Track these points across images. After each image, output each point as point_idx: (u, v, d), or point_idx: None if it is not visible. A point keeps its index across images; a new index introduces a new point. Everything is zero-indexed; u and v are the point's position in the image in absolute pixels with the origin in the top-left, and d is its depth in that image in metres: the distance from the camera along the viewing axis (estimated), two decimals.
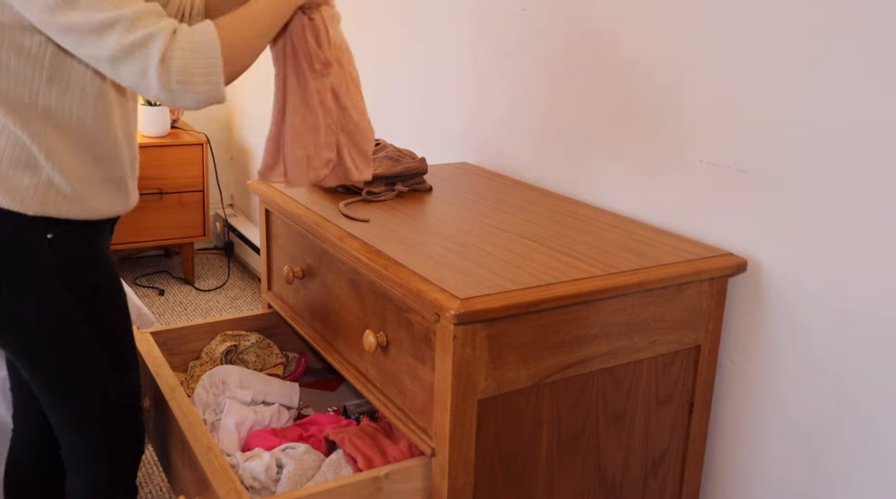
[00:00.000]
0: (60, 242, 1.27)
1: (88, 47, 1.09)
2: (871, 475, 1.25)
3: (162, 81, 1.08)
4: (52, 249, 1.26)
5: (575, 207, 1.63)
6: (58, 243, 1.27)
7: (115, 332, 1.39)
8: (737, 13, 1.36)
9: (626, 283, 1.24)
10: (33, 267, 1.26)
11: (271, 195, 1.65)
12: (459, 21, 2.09)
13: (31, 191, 1.22)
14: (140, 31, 1.07)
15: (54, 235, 1.26)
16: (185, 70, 1.09)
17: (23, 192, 1.22)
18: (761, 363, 1.39)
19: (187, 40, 1.10)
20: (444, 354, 1.15)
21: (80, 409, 1.36)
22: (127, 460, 1.45)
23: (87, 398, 1.36)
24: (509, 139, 1.95)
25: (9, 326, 1.28)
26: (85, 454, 1.40)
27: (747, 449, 1.43)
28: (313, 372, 1.89)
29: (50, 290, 1.27)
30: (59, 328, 1.30)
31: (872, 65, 1.17)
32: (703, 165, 1.45)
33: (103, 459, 1.41)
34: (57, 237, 1.26)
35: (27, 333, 1.29)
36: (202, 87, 1.11)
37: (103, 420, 1.39)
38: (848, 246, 1.23)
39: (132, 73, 1.09)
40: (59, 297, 1.28)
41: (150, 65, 1.08)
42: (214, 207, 3.93)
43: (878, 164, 1.18)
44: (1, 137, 1.20)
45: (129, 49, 1.07)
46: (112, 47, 1.07)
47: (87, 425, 1.38)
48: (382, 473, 1.24)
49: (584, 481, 1.34)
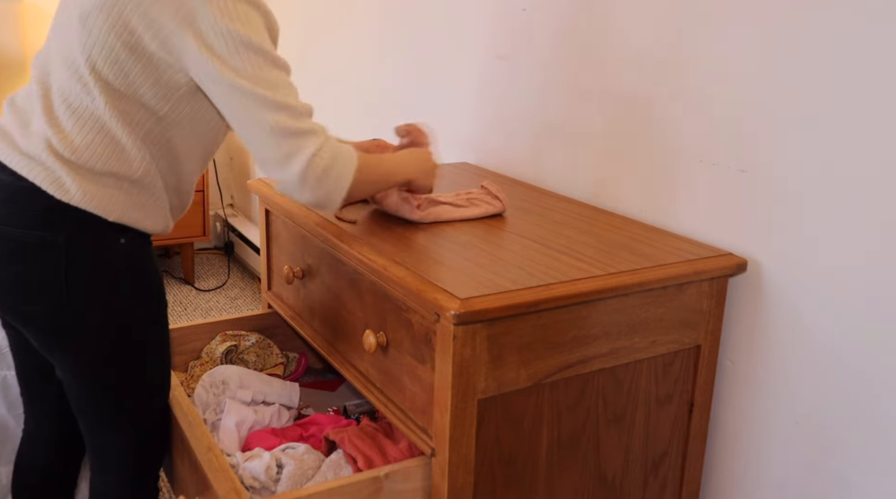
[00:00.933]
0: (130, 247, 1.30)
1: (251, 114, 1.19)
2: (871, 475, 1.25)
3: (304, 172, 1.19)
4: (124, 253, 1.29)
5: (575, 207, 1.63)
6: (128, 248, 1.30)
7: (162, 339, 1.41)
8: (736, 13, 1.36)
9: (626, 283, 1.24)
10: (106, 271, 1.27)
11: (271, 195, 1.65)
12: (460, 21, 2.09)
13: (116, 198, 1.26)
14: (304, 123, 1.21)
15: (126, 240, 1.29)
16: (326, 168, 1.21)
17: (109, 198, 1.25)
18: (761, 363, 1.39)
19: (335, 148, 1.23)
20: (444, 354, 1.15)
21: (124, 413, 1.38)
22: (155, 462, 1.47)
23: (133, 403, 1.38)
24: (509, 139, 1.95)
25: (79, 331, 1.28)
26: (116, 455, 1.41)
27: (747, 449, 1.43)
28: (313, 372, 1.89)
29: (123, 295, 1.29)
30: (130, 334, 1.32)
31: (872, 64, 1.17)
32: (703, 165, 1.45)
33: (134, 460, 1.42)
34: (128, 242, 1.29)
35: (96, 339, 1.29)
36: (329, 188, 1.22)
37: (141, 424, 1.40)
38: (848, 246, 1.23)
39: (279, 153, 1.20)
40: (131, 303, 1.30)
41: (302, 153, 1.19)
42: (214, 207, 3.93)
43: (877, 164, 1.18)
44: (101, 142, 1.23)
45: (292, 132, 1.19)
46: (277, 123, 1.18)
47: (124, 428, 1.39)
48: (382, 473, 1.24)
49: (584, 481, 1.34)
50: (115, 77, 1.21)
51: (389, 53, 2.47)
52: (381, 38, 2.51)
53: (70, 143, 1.22)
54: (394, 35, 2.44)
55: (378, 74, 2.55)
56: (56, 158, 1.22)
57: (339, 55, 2.81)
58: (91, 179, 1.23)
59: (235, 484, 1.26)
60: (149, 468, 1.46)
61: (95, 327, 1.28)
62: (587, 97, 1.70)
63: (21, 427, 1.64)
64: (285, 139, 1.19)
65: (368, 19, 2.58)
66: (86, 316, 1.27)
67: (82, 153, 1.22)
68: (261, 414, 1.59)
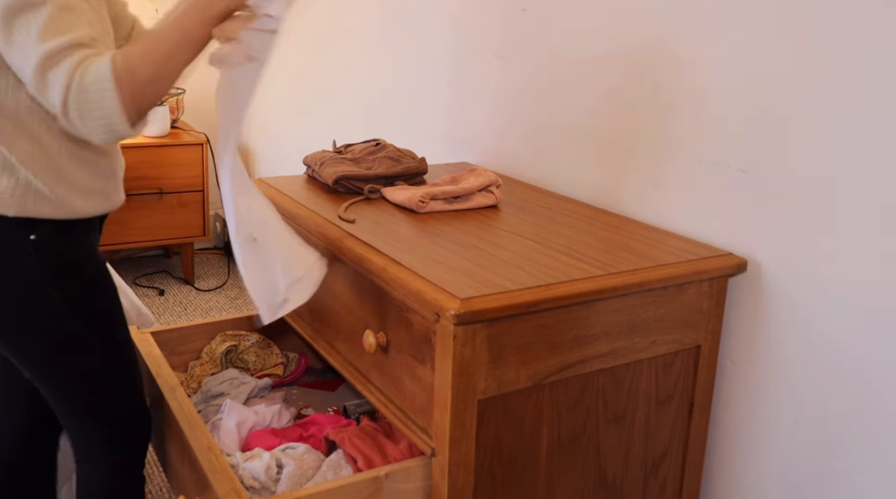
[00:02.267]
0: (45, 243, 1.27)
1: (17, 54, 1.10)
2: (872, 475, 1.25)
3: (63, 118, 1.10)
4: (36, 249, 1.26)
5: (575, 207, 1.63)
6: (42, 244, 1.26)
7: (113, 327, 1.40)
8: (736, 13, 1.36)
9: (626, 283, 1.24)
10: (20, 269, 1.26)
11: (271, 195, 1.65)
12: (460, 21, 2.09)
13: (8, 192, 1.22)
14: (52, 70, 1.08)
15: (38, 236, 1.26)
16: (79, 113, 1.09)
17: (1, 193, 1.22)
18: (761, 363, 1.39)
19: (77, 82, 1.09)
20: (444, 354, 1.15)
21: (86, 405, 1.38)
22: (135, 450, 1.47)
23: (91, 395, 1.38)
24: (509, 139, 1.95)
25: (6, 328, 1.29)
26: (94, 445, 1.42)
27: (747, 449, 1.43)
28: (313, 372, 1.89)
29: (40, 291, 1.27)
30: (54, 329, 1.30)
31: (872, 64, 1.17)
32: (703, 165, 1.45)
33: (112, 449, 1.43)
34: (41, 238, 1.26)
35: (23, 336, 1.29)
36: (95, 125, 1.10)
37: (110, 414, 1.41)
38: (848, 246, 1.23)
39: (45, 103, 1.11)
40: (50, 297, 1.28)
41: (55, 101, 1.09)
42: (214, 207, 3.93)
43: (877, 163, 1.18)
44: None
45: (41, 79, 1.09)
46: (29, 75, 1.09)
47: (95, 418, 1.40)
48: (382, 473, 1.24)
49: (584, 481, 1.34)
50: None
51: (389, 54, 2.47)
52: (381, 39, 2.51)
53: None
54: (393, 35, 2.44)
55: (378, 75, 2.55)
56: None
57: (339, 55, 2.81)
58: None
59: (235, 484, 1.26)
60: (130, 456, 1.46)
61: (24, 327, 1.28)
62: (587, 97, 1.70)
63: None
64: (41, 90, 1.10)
65: (368, 20, 2.58)
66: (11, 317, 1.27)
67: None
68: (261, 415, 1.59)
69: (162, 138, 3.40)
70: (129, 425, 1.45)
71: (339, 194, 1.62)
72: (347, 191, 1.63)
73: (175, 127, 3.57)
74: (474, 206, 1.56)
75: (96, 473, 1.44)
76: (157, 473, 2.23)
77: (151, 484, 2.18)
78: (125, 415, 1.43)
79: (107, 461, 1.44)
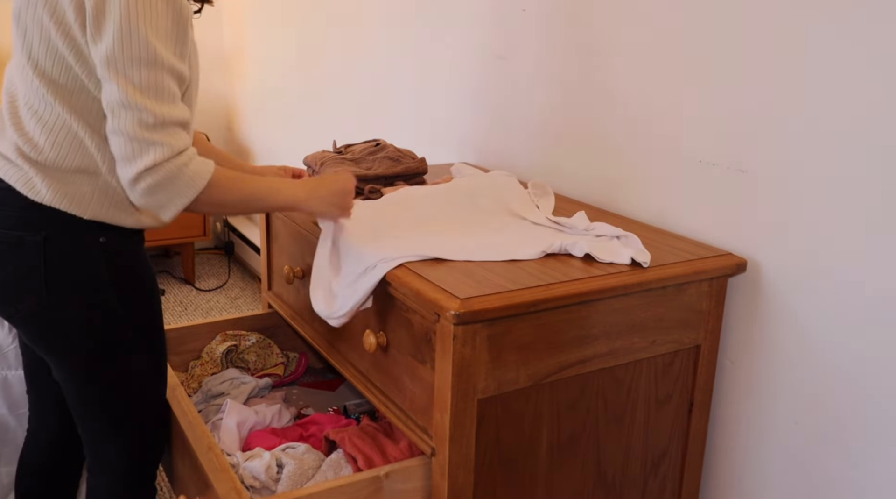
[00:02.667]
0: (112, 247, 1.29)
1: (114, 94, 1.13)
2: (871, 475, 1.25)
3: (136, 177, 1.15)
4: (104, 253, 1.28)
5: (575, 207, 1.63)
6: (110, 248, 1.29)
7: (158, 336, 1.42)
8: (736, 13, 1.36)
9: (626, 283, 1.24)
10: (89, 270, 1.27)
11: None
12: (460, 21, 2.09)
13: (88, 196, 1.25)
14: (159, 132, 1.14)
15: (107, 239, 1.28)
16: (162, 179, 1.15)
17: (81, 196, 1.24)
18: (761, 363, 1.39)
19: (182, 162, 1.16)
20: (444, 353, 1.15)
21: (120, 414, 1.38)
22: (151, 462, 1.47)
23: (128, 403, 1.38)
24: (509, 139, 1.95)
25: (61, 330, 1.29)
26: (111, 455, 1.41)
27: (747, 449, 1.43)
28: (313, 372, 1.89)
29: (103, 295, 1.29)
30: (111, 334, 1.31)
31: (872, 65, 1.17)
32: (703, 165, 1.45)
33: (132, 461, 1.42)
34: (109, 242, 1.29)
35: (79, 338, 1.29)
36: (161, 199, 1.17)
37: (139, 424, 1.41)
38: (847, 246, 1.23)
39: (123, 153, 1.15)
40: (112, 303, 1.30)
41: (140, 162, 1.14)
42: None
43: (877, 163, 1.18)
44: (66, 141, 1.23)
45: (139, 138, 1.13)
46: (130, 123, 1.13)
47: (123, 429, 1.39)
48: (382, 472, 1.24)
49: (583, 480, 1.34)
50: (58, 73, 1.20)
51: (390, 54, 2.47)
52: (382, 39, 2.51)
53: (36, 145, 1.23)
54: (393, 36, 2.44)
55: (378, 75, 2.55)
56: (25, 159, 1.23)
57: (340, 56, 2.81)
58: (60, 179, 1.23)
59: (236, 484, 1.26)
60: (144, 468, 1.46)
61: (76, 327, 1.29)
62: (587, 98, 1.70)
63: (23, 427, 1.64)
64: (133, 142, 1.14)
65: (369, 20, 2.58)
66: (65, 316, 1.27)
67: (48, 154, 1.23)
68: (262, 414, 1.59)
69: None
70: (148, 437, 1.45)
71: None
72: None
73: None
74: None
75: (109, 482, 1.43)
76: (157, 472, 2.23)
77: None
78: (145, 428, 1.43)
79: (122, 472, 1.42)
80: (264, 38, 3.45)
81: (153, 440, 1.46)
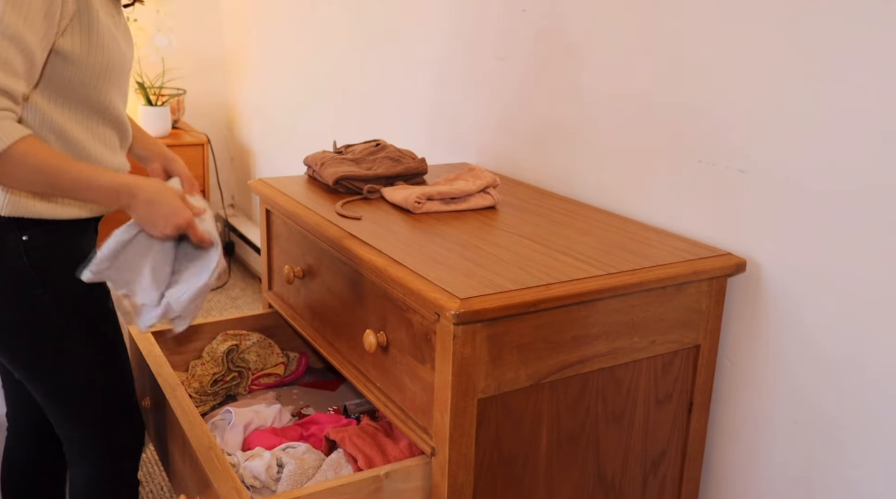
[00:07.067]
0: (36, 244, 1.27)
1: None
2: (870, 474, 1.25)
3: None
4: (27, 251, 1.26)
5: (575, 207, 1.63)
6: (33, 245, 1.26)
7: (104, 329, 1.40)
8: (736, 13, 1.36)
9: (626, 283, 1.24)
10: (11, 270, 1.26)
11: (272, 195, 1.65)
12: (460, 21, 2.09)
13: (2, 191, 1.23)
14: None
15: (29, 237, 1.26)
16: None
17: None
18: (761, 363, 1.39)
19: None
20: (444, 353, 1.15)
21: (75, 408, 1.38)
22: (127, 453, 1.47)
23: (80, 398, 1.37)
24: (509, 139, 1.95)
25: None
26: (86, 448, 1.42)
27: (747, 449, 1.43)
28: (314, 372, 1.89)
29: (30, 293, 1.27)
30: (44, 331, 1.30)
31: (872, 65, 1.17)
32: (703, 165, 1.45)
33: (104, 452, 1.43)
34: (32, 239, 1.26)
35: (12, 338, 1.29)
36: None
37: (100, 417, 1.40)
38: (847, 245, 1.23)
39: None
40: (39, 299, 1.28)
41: None
42: (215, 207, 3.93)
43: (877, 163, 1.18)
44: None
45: None
46: None
47: (85, 422, 1.39)
48: (382, 472, 1.24)
49: (583, 480, 1.34)
50: None
51: (390, 54, 2.47)
52: (382, 39, 2.51)
53: None
54: (395, 36, 2.44)
55: (379, 75, 2.55)
56: None
57: (340, 56, 2.82)
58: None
59: (236, 483, 1.26)
60: (121, 459, 1.46)
61: (9, 327, 1.28)
62: (587, 98, 1.70)
63: None
64: None
65: (369, 20, 2.58)
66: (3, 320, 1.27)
67: None
68: (262, 414, 1.59)
69: (163, 139, 3.40)
70: (120, 426, 1.44)
71: (339, 195, 1.62)
72: (348, 191, 1.63)
73: (176, 127, 3.57)
74: (471, 207, 1.56)
75: (87, 475, 1.44)
76: (157, 472, 2.24)
77: (152, 483, 2.19)
78: (115, 417, 1.43)
79: (97, 464, 1.43)
80: (264, 39, 3.45)
81: (123, 433, 1.45)
